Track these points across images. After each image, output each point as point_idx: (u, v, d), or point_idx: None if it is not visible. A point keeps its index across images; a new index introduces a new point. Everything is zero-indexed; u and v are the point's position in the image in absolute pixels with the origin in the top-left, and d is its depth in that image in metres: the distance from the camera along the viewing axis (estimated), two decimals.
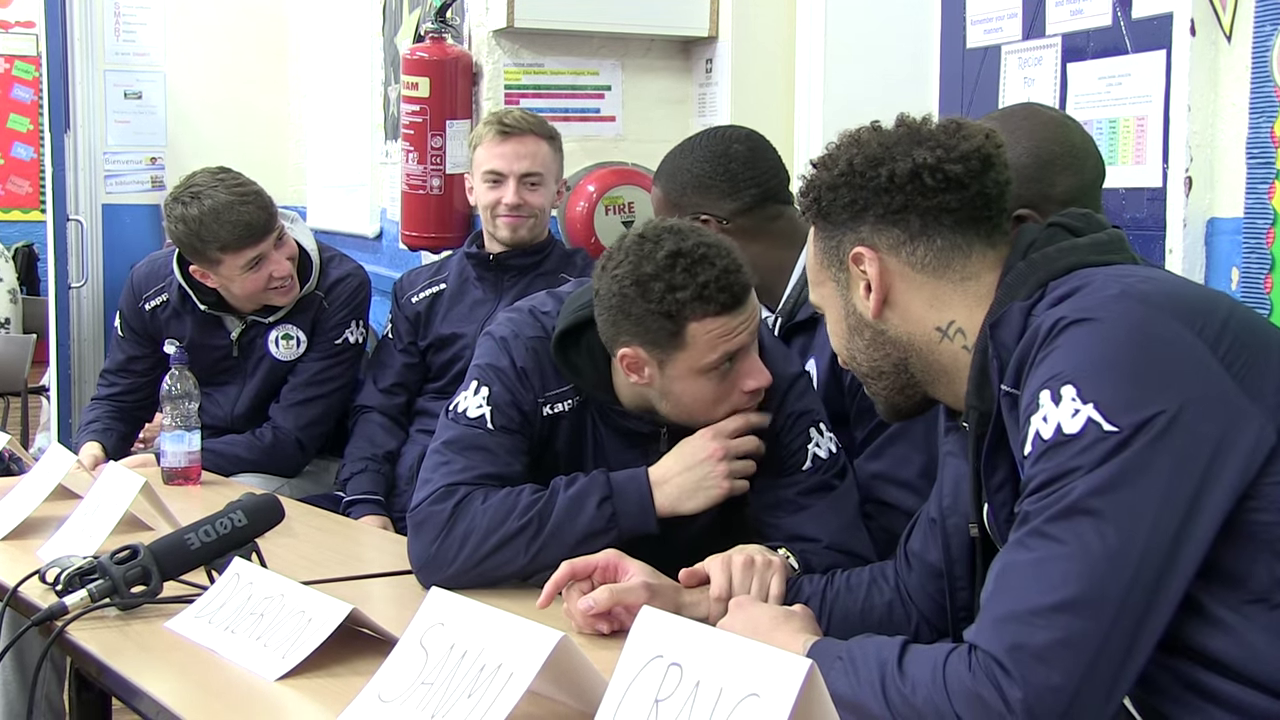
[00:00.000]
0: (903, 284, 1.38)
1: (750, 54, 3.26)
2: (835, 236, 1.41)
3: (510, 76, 3.31)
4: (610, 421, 1.91)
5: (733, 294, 1.73)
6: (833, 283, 1.43)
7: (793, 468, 1.88)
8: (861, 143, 1.39)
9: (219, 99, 5.16)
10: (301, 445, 2.87)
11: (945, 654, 1.20)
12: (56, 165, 4.65)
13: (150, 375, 2.91)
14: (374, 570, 1.95)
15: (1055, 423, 1.18)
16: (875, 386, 1.46)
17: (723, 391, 1.81)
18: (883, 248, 1.37)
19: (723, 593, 1.61)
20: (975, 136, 1.36)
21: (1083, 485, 1.15)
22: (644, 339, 1.76)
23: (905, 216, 1.36)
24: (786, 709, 0.98)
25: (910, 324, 1.39)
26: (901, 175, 1.35)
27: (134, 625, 1.62)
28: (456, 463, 1.84)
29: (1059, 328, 1.22)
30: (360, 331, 2.93)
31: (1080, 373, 1.18)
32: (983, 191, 1.35)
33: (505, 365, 1.90)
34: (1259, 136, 1.97)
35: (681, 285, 1.71)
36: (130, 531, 1.96)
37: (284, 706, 1.39)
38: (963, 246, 1.36)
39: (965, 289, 1.36)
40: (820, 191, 1.41)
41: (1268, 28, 1.95)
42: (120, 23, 5.08)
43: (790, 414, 1.89)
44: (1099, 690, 1.13)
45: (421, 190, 3.35)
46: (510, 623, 1.22)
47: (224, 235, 2.66)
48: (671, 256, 1.72)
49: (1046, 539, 1.16)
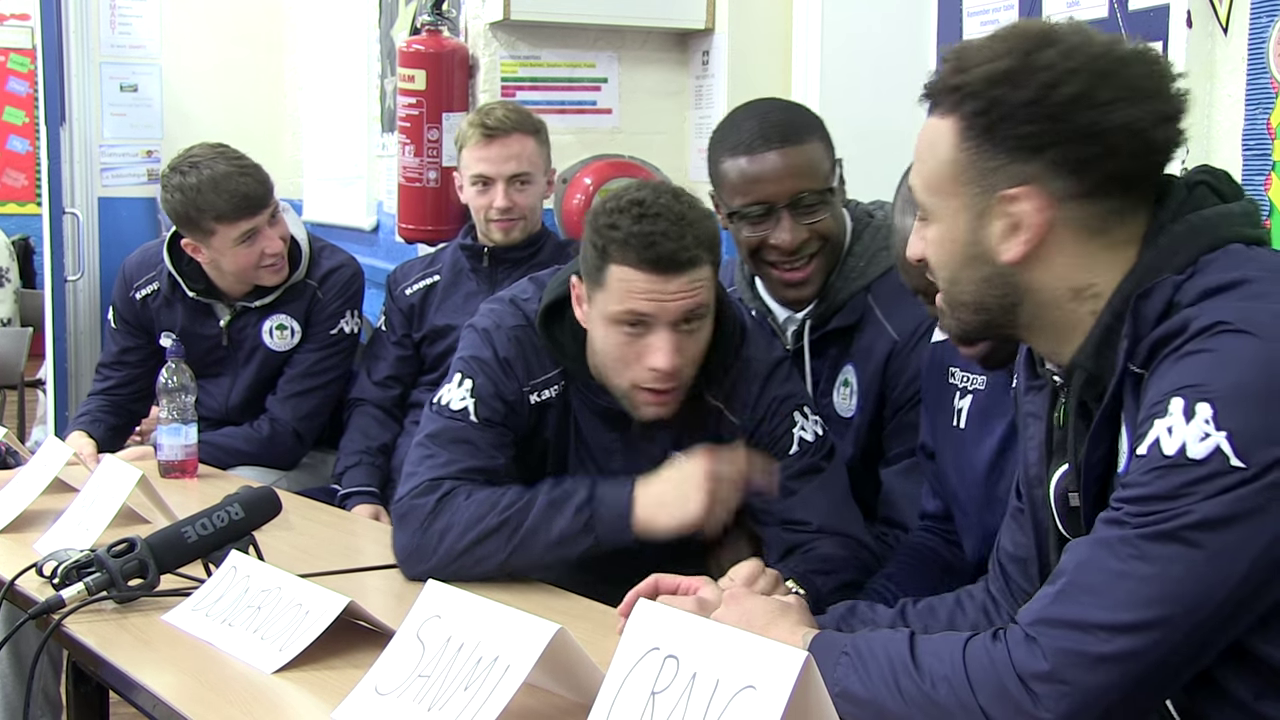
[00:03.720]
0: (1058, 237, 1.23)
1: (747, 46, 3.26)
2: (994, 160, 1.23)
3: (507, 69, 3.31)
4: (590, 404, 1.90)
5: (657, 255, 1.73)
6: (961, 202, 1.26)
7: (780, 453, 1.87)
8: (1069, 71, 1.19)
9: (215, 92, 5.15)
10: (299, 437, 2.87)
11: (963, 643, 1.17)
12: (52, 158, 4.63)
13: (144, 367, 2.91)
14: (371, 563, 1.95)
15: (1181, 440, 1.09)
16: (965, 315, 1.31)
17: (629, 355, 1.79)
18: (1053, 195, 1.21)
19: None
20: (1178, 96, 1.22)
21: (1193, 514, 1.09)
22: (585, 266, 1.81)
23: (1088, 169, 1.20)
24: (783, 701, 0.98)
25: (1048, 277, 1.24)
26: (1108, 129, 1.19)
27: (131, 618, 1.62)
28: (440, 456, 1.84)
29: (1215, 330, 1.11)
30: (355, 322, 2.92)
31: (1222, 393, 1.09)
32: (1169, 159, 1.24)
33: (488, 357, 1.90)
34: (1255, 128, 1.97)
35: (619, 226, 1.75)
36: (127, 525, 1.96)
37: (281, 699, 1.39)
38: (1129, 211, 1.23)
39: (1115, 254, 1.23)
40: (994, 106, 1.22)
41: (1264, 20, 1.95)
42: (116, 15, 5.07)
43: (774, 398, 1.89)
44: (1132, 707, 1.12)
45: (418, 183, 3.34)
46: (507, 615, 1.22)
47: (220, 205, 2.66)
48: (632, 202, 1.76)
49: (1139, 555, 1.10)
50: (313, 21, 4.91)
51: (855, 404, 2.04)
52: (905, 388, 1.99)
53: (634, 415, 1.86)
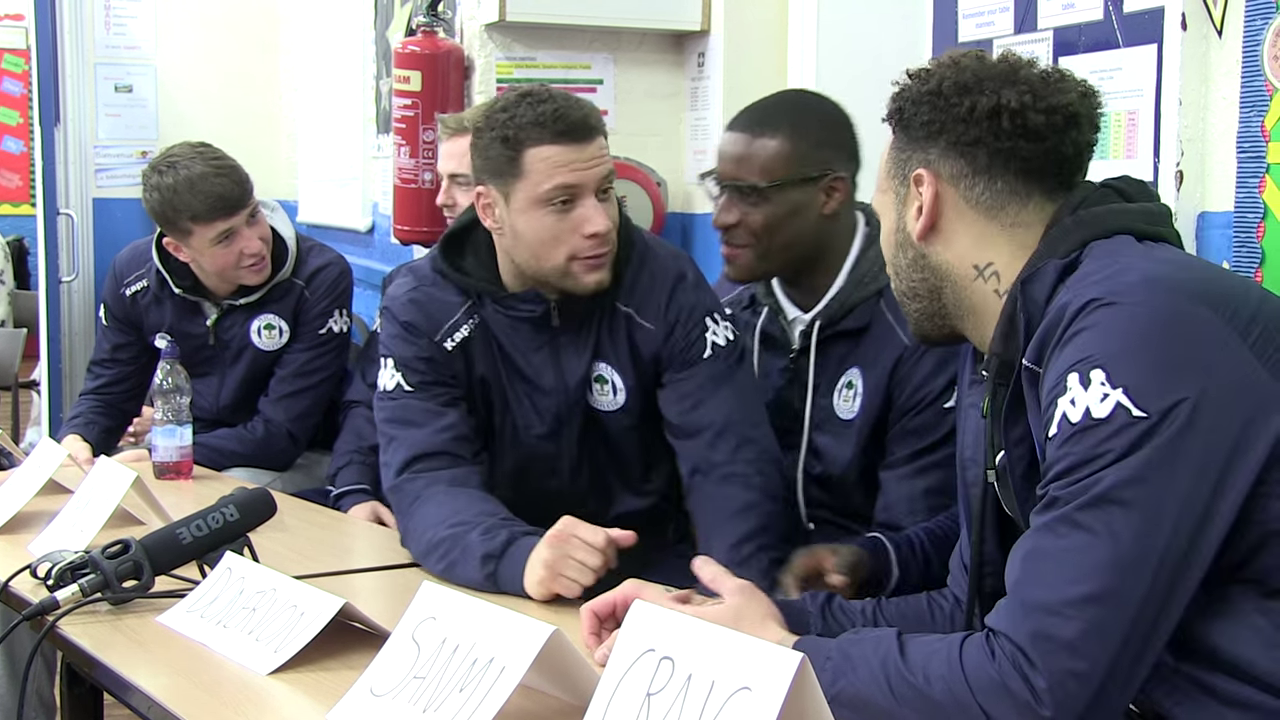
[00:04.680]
0: (953, 215, 1.39)
1: (742, 48, 3.26)
2: (906, 151, 1.42)
3: (502, 70, 3.31)
4: (510, 319, 2.01)
5: (569, 124, 1.88)
6: (892, 194, 1.44)
7: (694, 359, 2.01)
8: (960, 67, 1.38)
9: (210, 93, 5.14)
10: (293, 437, 2.87)
11: (959, 642, 1.19)
12: (46, 159, 4.62)
13: (136, 365, 2.91)
14: (366, 564, 1.95)
15: (1084, 406, 1.18)
16: (910, 307, 1.47)
17: (563, 230, 1.90)
18: (944, 175, 1.38)
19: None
20: (1069, 92, 1.36)
21: (1113, 474, 1.15)
22: (491, 171, 1.92)
23: (975, 151, 1.36)
24: (778, 702, 0.98)
25: (951, 255, 1.40)
26: (982, 110, 1.35)
27: (125, 620, 1.62)
28: (398, 438, 1.96)
29: (1087, 309, 1.21)
30: (345, 320, 2.92)
31: (1109, 356, 1.18)
32: (1058, 148, 1.35)
33: (395, 332, 2.03)
34: (1249, 131, 1.97)
35: (521, 114, 1.88)
36: (122, 526, 1.96)
37: (276, 701, 1.38)
38: (1022, 194, 1.36)
39: (1012, 235, 1.37)
40: (906, 103, 1.41)
41: (1258, 22, 1.95)
42: (110, 16, 5.07)
43: (684, 305, 2.02)
44: (1121, 679, 1.14)
45: (413, 184, 3.34)
46: (502, 617, 1.22)
47: (196, 205, 2.67)
48: (520, 95, 1.92)
49: (1077, 527, 1.16)
50: (308, 22, 4.91)
51: (858, 406, 2.04)
52: (911, 393, 2.00)
53: (576, 289, 1.96)
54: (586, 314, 2.01)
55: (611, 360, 2.03)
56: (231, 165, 2.74)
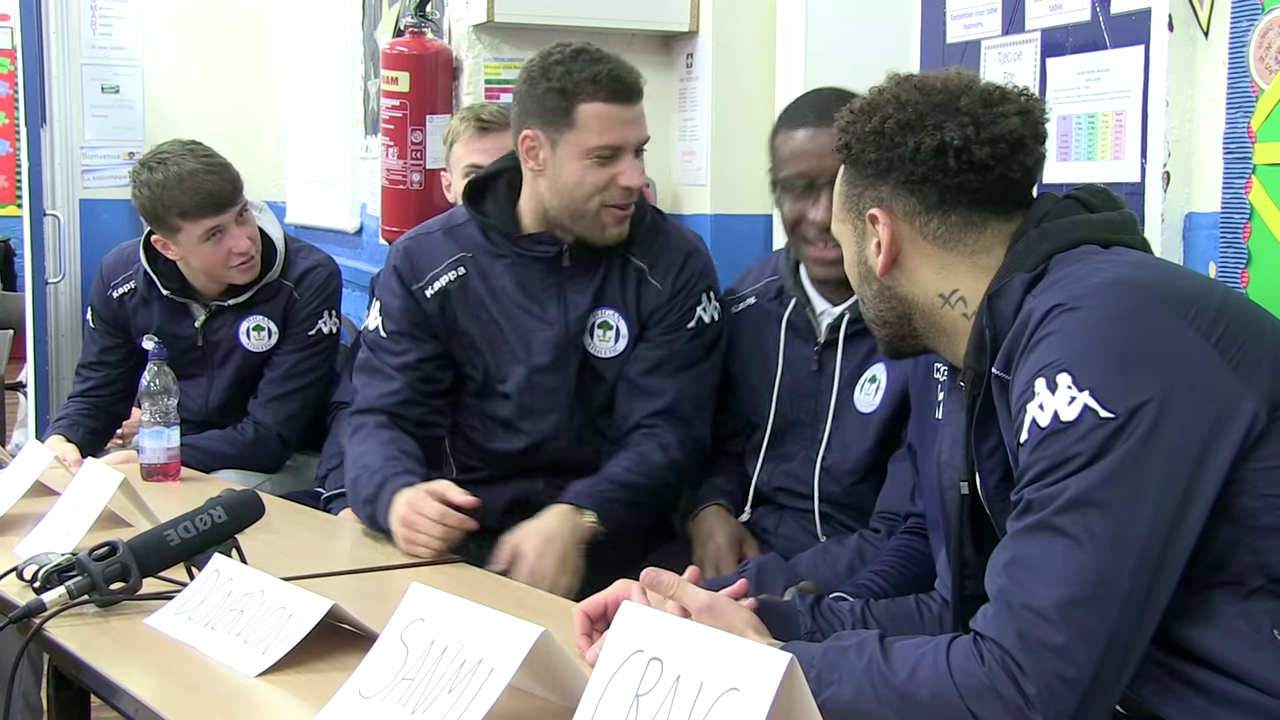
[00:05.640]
0: (912, 250, 1.40)
1: (731, 49, 3.26)
2: (859, 187, 1.44)
3: (490, 71, 3.30)
4: (518, 264, 2.18)
5: (623, 85, 2.07)
6: (850, 226, 1.47)
7: (679, 325, 2.19)
8: (901, 103, 1.39)
9: (197, 93, 5.13)
10: (283, 440, 2.86)
11: (944, 646, 1.19)
12: (33, 160, 4.60)
13: (124, 367, 2.90)
14: (354, 566, 1.94)
15: (1052, 410, 1.19)
16: (880, 332, 1.50)
17: (601, 180, 2.10)
18: (898, 213, 1.40)
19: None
20: (1010, 117, 1.36)
21: (1086, 476, 1.16)
22: (542, 117, 2.09)
23: (924, 189, 1.38)
24: (766, 703, 0.98)
25: (915, 287, 1.42)
26: (927, 150, 1.36)
27: (113, 622, 1.61)
28: (360, 388, 2.24)
29: (1051, 315, 1.23)
30: (334, 322, 2.92)
31: (1075, 360, 1.19)
32: (1005, 175, 1.36)
33: (384, 275, 2.27)
34: (1236, 132, 1.98)
35: (579, 70, 2.06)
36: (109, 528, 1.95)
37: (264, 702, 1.38)
38: (977, 223, 1.38)
39: (974, 261, 1.39)
40: (852, 140, 1.43)
41: (1244, 24, 1.96)
42: (97, 16, 5.05)
43: (692, 273, 2.21)
44: (1108, 680, 1.14)
45: (402, 185, 3.34)
46: (491, 618, 1.22)
47: (185, 202, 2.67)
48: (576, 51, 2.08)
49: (1055, 532, 1.16)
50: (296, 23, 4.90)
51: (880, 400, 2.06)
52: None
53: (598, 238, 2.16)
54: (594, 261, 2.19)
55: (620, 307, 2.21)
56: (222, 163, 2.74)
